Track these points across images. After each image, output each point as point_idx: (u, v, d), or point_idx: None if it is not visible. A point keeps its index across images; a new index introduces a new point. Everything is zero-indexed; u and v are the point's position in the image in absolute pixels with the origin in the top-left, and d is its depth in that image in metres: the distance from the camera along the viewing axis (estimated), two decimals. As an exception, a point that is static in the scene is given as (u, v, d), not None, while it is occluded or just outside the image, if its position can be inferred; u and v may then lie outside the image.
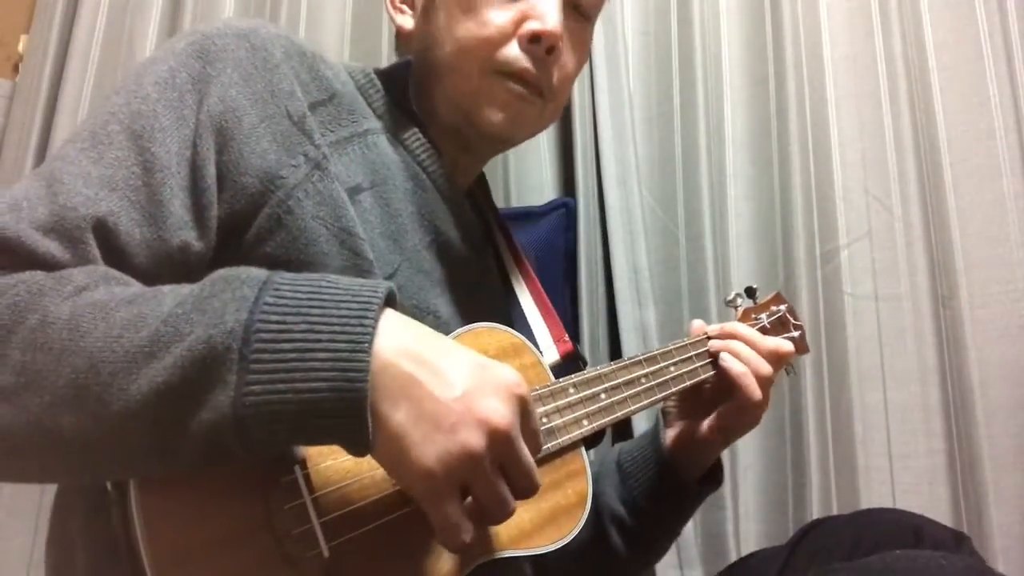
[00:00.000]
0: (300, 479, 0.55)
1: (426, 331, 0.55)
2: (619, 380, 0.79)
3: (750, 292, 0.98)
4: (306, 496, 0.55)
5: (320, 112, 0.72)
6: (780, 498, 1.26)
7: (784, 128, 1.30)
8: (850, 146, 1.28)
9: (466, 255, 0.81)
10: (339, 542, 0.56)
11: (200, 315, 0.50)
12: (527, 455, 0.54)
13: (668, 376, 0.83)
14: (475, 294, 0.81)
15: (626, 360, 0.81)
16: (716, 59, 1.35)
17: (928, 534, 0.74)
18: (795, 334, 0.97)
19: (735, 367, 0.84)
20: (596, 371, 0.77)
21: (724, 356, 0.85)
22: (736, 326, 0.89)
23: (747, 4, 1.37)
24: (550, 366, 0.80)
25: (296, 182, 0.66)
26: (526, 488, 0.55)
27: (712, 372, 0.86)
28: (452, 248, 0.79)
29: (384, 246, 0.71)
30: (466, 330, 0.71)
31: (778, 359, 0.87)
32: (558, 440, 0.70)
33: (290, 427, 0.50)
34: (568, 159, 1.36)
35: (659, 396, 0.82)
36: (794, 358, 0.92)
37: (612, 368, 0.79)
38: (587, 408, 0.74)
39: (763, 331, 0.93)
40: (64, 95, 1.49)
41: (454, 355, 0.54)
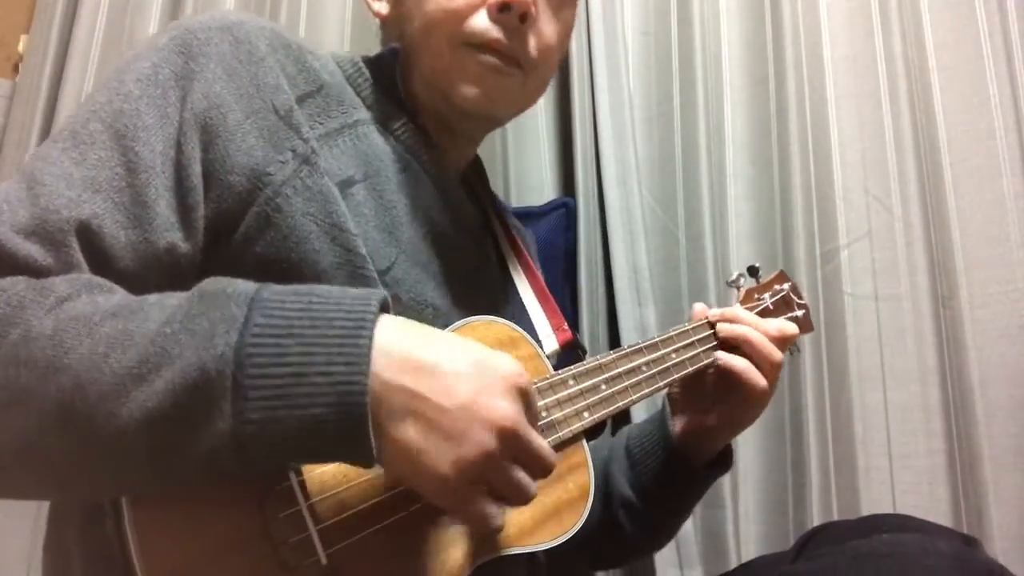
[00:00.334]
0: (295, 486, 0.55)
1: (422, 335, 0.54)
2: (620, 369, 0.78)
3: (752, 271, 0.96)
4: (302, 503, 0.55)
5: (308, 105, 0.70)
6: (780, 498, 1.26)
7: (784, 128, 1.30)
8: (850, 146, 1.28)
9: (463, 244, 0.79)
10: (337, 548, 0.55)
11: (189, 336, 0.48)
12: (537, 440, 0.55)
13: (670, 363, 0.82)
14: (473, 284, 0.80)
15: (626, 348, 0.79)
16: (716, 59, 1.35)
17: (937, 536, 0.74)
18: (799, 313, 0.95)
19: (735, 362, 0.82)
20: (596, 361, 0.76)
21: (720, 355, 0.84)
22: (738, 311, 0.87)
23: (747, 4, 1.37)
24: (550, 355, 0.80)
25: (284, 179, 0.65)
26: (544, 469, 0.55)
27: (713, 357, 0.84)
28: (448, 238, 0.77)
29: (379, 240, 0.70)
30: (463, 323, 0.70)
31: (782, 342, 0.85)
32: (559, 434, 0.70)
33: (291, 451, 0.50)
34: (568, 159, 1.36)
35: (661, 384, 0.81)
36: (798, 337, 0.90)
37: (612, 358, 0.78)
38: (587, 400, 0.74)
39: (765, 312, 0.92)
40: (64, 95, 1.49)
41: (453, 357, 0.53)
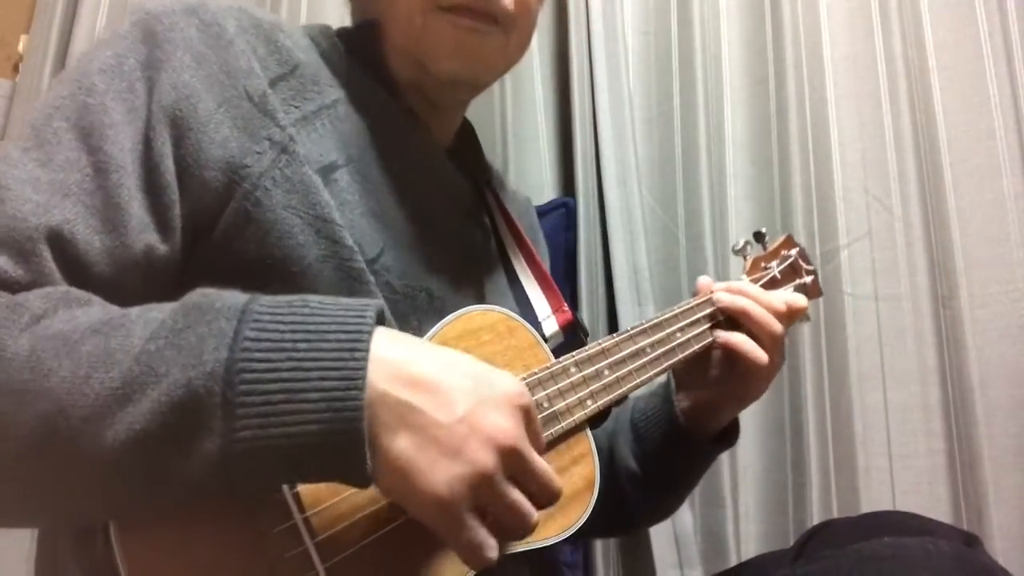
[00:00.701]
0: (290, 499, 0.53)
1: (420, 348, 0.53)
2: (623, 353, 0.74)
3: (759, 237, 0.93)
4: (297, 517, 0.53)
5: (282, 87, 0.66)
6: (780, 498, 1.26)
7: (784, 128, 1.30)
8: (850, 146, 1.28)
9: (456, 223, 0.76)
10: (335, 561, 0.54)
11: (175, 352, 0.46)
12: (540, 464, 0.52)
13: (675, 343, 0.78)
14: (469, 265, 0.77)
15: (630, 330, 0.76)
16: (716, 59, 1.35)
17: (938, 536, 0.73)
18: (807, 280, 0.92)
19: (734, 338, 0.80)
20: (599, 345, 0.73)
21: (719, 332, 0.81)
22: (741, 285, 0.84)
23: (747, 4, 1.37)
24: (550, 336, 0.77)
25: (262, 170, 0.61)
26: (548, 496, 0.53)
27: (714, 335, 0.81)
28: (440, 218, 0.74)
29: (366, 226, 0.67)
30: (459, 315, 0.67)
31: (787, 316, 0.83)
32: (561, 425, 0.67)
33: (283, 471, 0.48)
34: (568, 159, 1.36)
35: (666, 365, 0.77)
36: (806, 310, 0.88)
37: (615, 341, 0.74)
38: (590, 387, 0.71)
39: (772, 281, 0.89)
40: (64, 95, 1.49)
41: (451, 372, 0.51)
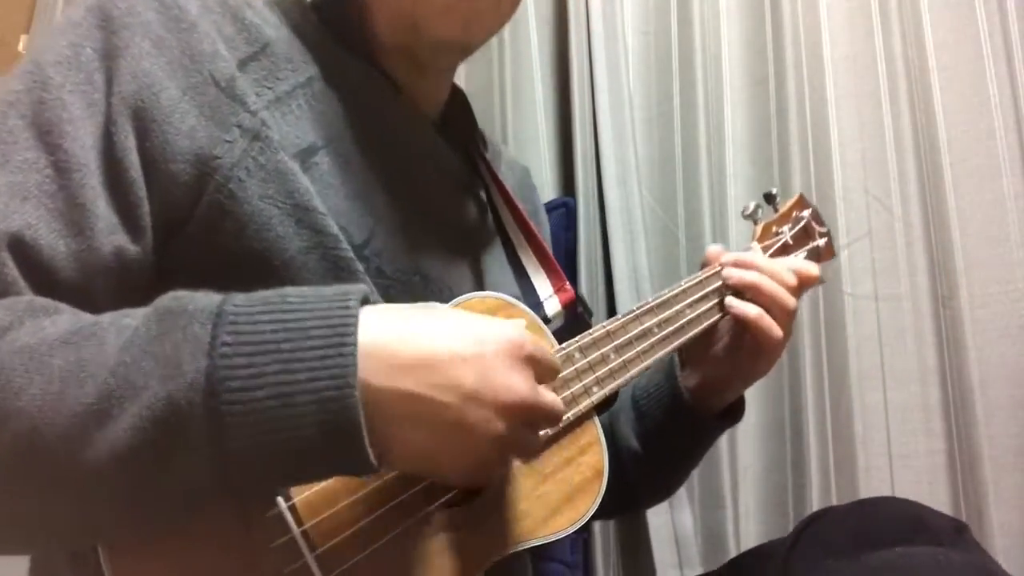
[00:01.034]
0: (286, 512, 0.51)
1: (410, 325, 0.49)
2: (629, 335, 0.72)
3: (769, 199, 0.89)
4: (295, 530, 0.51)
5: (252, 68, 0.62)
6: (780, 498, 1.26)
7: (784, 128, 1.30)
8: (850, 146, 1.28)
9: (448, 199, 0.73)
10: (337, 573, 0.52)
11: (152, 362, 0.43)
12: (547, 400, 0.53)
13: (683, 320, 0.76)
14: (464, 243, 0.74)
15: (635, 310, 0.73)
16: (716, 59, 1.35)
17: (928, 523, 0.74)
18: (820, 242, 0.89)
19: (748, 310, 0.76)
20: (604, 328, 0.70)
21: (731, 302, 0.78)
22: (752, 257, 0.80)
23: (747, 4, 1.37)
24: (553, 316, 0.76)
25: (234, 160, 0.58)
26: (555, 420, 0.55)
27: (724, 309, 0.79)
28: (431, 195, 0.71)
29: (352, 211, 0.64)
30: (456, 304, 0.65)
31: (798, 288, 0.79)
32: (567, 415, 0.65)
33: (281, 476, 0.47)
34: (568, 159, 1.36)
35: (674, 345, 0.75)
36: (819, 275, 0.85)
37: (621, 322, 0.72)
38: (596, 373, 0.69)
39: (784, 247, 0.86)
40: (64, 95, 1.49)
41: (446, 343, 0.49)
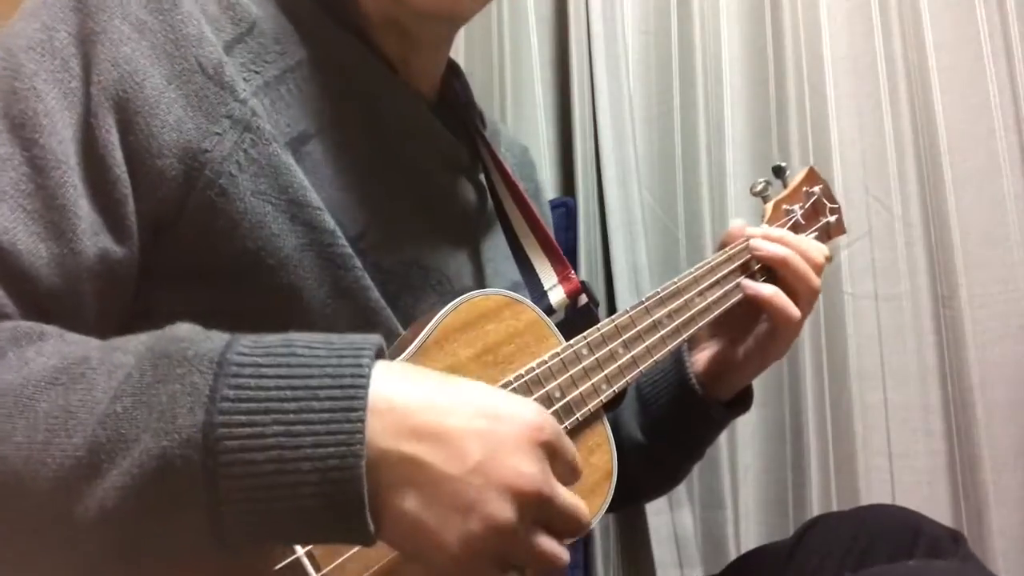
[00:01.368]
0: (304, 559, 0.47)
1: (422, 389, 0.46)
2: (638, 328, 0.69)
3: (778, 172, 0.86)
4: (299, 551, 0.48)
5: (239, 51, 0.58)
6: (780, 498, 1.26)
7: (784, 128, 1.30)
8: (850, 146, 1.28)
9: (446, 184, 0.70)
10: None
11: (145, 413, 0.40)
12: (565, 499, 0.47)
13: (695, 309, 0.73)
14: (463, 230, 0.72)
15: (644, 302, 0.71)
16: (716, 59, 1.35)
17: (926, 532, 0.74)
18: (831, 219, 0.87)
19: (763, 290, 0.75)
20: (612, 323, 0.68)
21: (745, 282, 0.75)
22: (784, 234, 0.78)
23: (747, 4, 1.37)
24: (556, 306, 0.74)
25: (224, 154, 0.54)
26: (575, 531, 0.48)
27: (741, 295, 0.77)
28: (428, 181, 0.68)
29: (346, 202, 0.61)
30: (459, 303, 0.61)
31: (822, 267, 0.77)
32: (576, 416, 0.64)
33: (278, 540, 0.45)
34: (568, 159, 1.36)
35: (685, 336, 0.73)
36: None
37: (630, 316, 0.69)
38: (605, 371, 0.66)
39: (796, 227, 0.83)
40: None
41: (460, 414, 0.45)
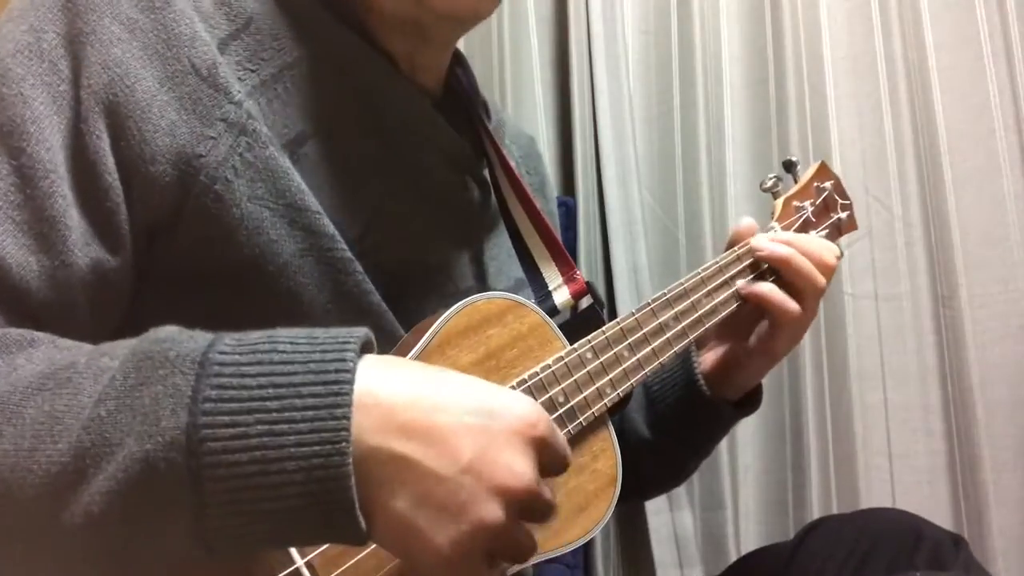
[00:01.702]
0: (304, 570, 0.46)
1: (411, 384, 0.45)
2: (644, 330, 0.68)
3: (789, 167, 0.84)
4: (298, 562, 0.47)
5: (234, 49, 0.57)
6: (780, 498, 1.26)
7: (784, 128, 1.30)
8: (850, 146, 1.28)
9: (449, 182, 0.69)
10: None
11: (129, 416, 0.40)
12: (547, 496, 0.47)
13: (701, 311, 0.72)
14: (467, 229, 0.71)
15: (651, 303, 0.70)
16: (716, 59, 1.35)
17: (927, 536, 0.74)
18: (842, 215, 0.85)
19: (757, 288, 0.74)
20: (618, 326, 0.67)
21: (741, 286, 0.74)
22: (789, 236, 0.77)
23: (747, 4, 1.37)
24: (561, 307, 0.73)
25: (219, 159, 0.53)
26: (545, 521, 0.48)
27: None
28: (430, 178, 0.67)
29: (346, 203, 0.60)
30: (461, 307, 0.60)
31: (831, 267, 0.76)
32: (579, 420, 0.63)
33: (266, 544, 0.44)
34: (568, 159, 1.36)
35: (691, 338, 0.72)
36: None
37: (636, 318, 0.68)
38: (610, 375, 0.65)
39: (807, 224, 0.82)
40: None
41: (451, 411, 0.44)
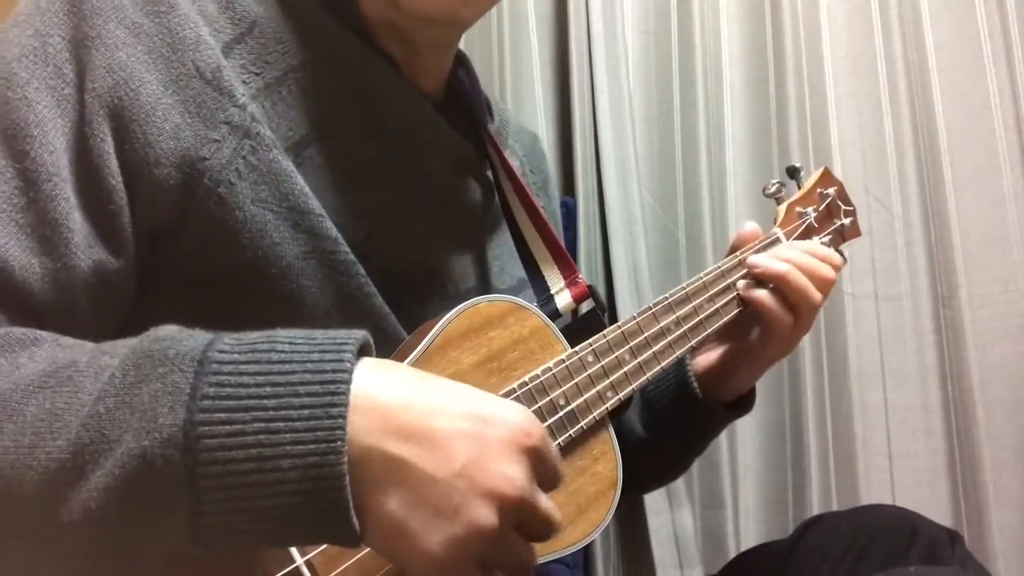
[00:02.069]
0: (303, 569, 0.47)
1: (408, 387, 0.45)
2: (646, 335, 0.69)
3: (792, 173, 0.85)
4: (298, 560, 0.47)
5: (238, 52, 0.57)
6: (780, 498, 1.26)
7: (784, 128, 1.30)
8: (850, 146, 1.28)
9: (451, 185, 0.70)
10: None
11: (128, 413, 0.40)
12: (545, 506, 0.47)
13: (702, 315, 0.73)
14: (469, 231, 0.71)
15: (652, 308, 0.70)
16: (716, 59, 1.35)
17: (923, 532, 0.75)
18: (845, 221, 0.85)
19: (755, 294, 0.74)
20: (619, 330, 0.68)
21: (740, 284, 0.75)
22: (787, 251, 0.77)
23: (747, 4, 1.37)
24: (563, 310, 0.73)
25: (223, 162, 0.54)
26: (547, 536, 0.48)
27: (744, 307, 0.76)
28: (433, 180, 0.67)
29: (349, 207, 0.60)
30: (463, 309, 0.60)
31: (830, 282, 0.76)
32: (581, 424, 0.63)
33: (261, 542, 0.44)
34: (568, 159, 1.36)
35: (692, 343, 0.72)
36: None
37: (637, 323, 0.69)
38: (611, 378, 0.66)
39: (809, 230, 0.82)
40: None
41: (447, 415, 0.44)
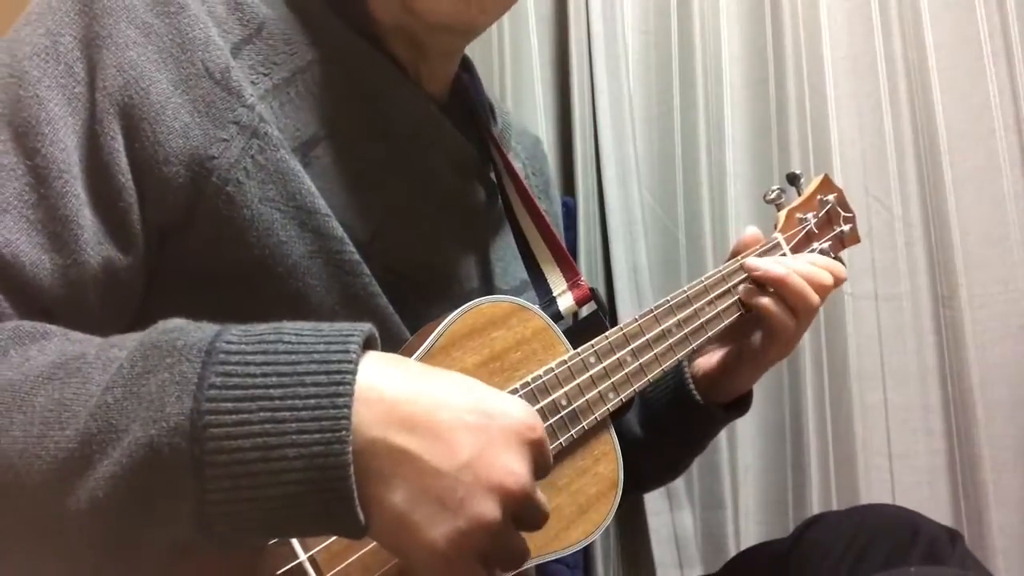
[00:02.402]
0: (307, 564, 0.47)
1: (413, 380, 0.45)
2: (647, 336, 0.70)
3: (792, 180, 0.86)
4: (301, 556, 0.47)
5: (247, 53, 0.58)
6: (780, 498, 1.26)
7: (784, 128, 1.30)
8: (850, 146, 1.28)
9: (455, 187, 0.70)
10: None
11: (135, 403, 0.41)
12: (541, 503, 0.47)
13: (703, 318, 0.74)
14: (473, 232, 0.72)
15: (654, 310, 0.71)
16: (716, 59, 1.35)
17: (924, 531, 0.75)
18: (844, 228, 0.87)
19: (758, 300, 0.75)
20: (621, 332, 0.68)
21: (742, 288, 0.76)
22: (787, 260, 0.78)
23: (747, 4, 1.37)
24: (565, 312, 0.73)
25: (231, 161, 0.55)
26: (537, 528, 0.48)
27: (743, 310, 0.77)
28: (438, 183, 0.68)
29: (356, 206, 0.61)
30: (467, 309, 0.61)
31: (828, 288, 0.77)
32: (582, 424, 0.63)
33: (266, 532, 0.44)
34: (568, 159, 1.36)
35: (693, 346, 0.73)
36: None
37: (639, 324, 0.70)
38: (612, 379, 0.66)
39: (809, 236, 0.84)
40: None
41: (452, 408, 0.45)
